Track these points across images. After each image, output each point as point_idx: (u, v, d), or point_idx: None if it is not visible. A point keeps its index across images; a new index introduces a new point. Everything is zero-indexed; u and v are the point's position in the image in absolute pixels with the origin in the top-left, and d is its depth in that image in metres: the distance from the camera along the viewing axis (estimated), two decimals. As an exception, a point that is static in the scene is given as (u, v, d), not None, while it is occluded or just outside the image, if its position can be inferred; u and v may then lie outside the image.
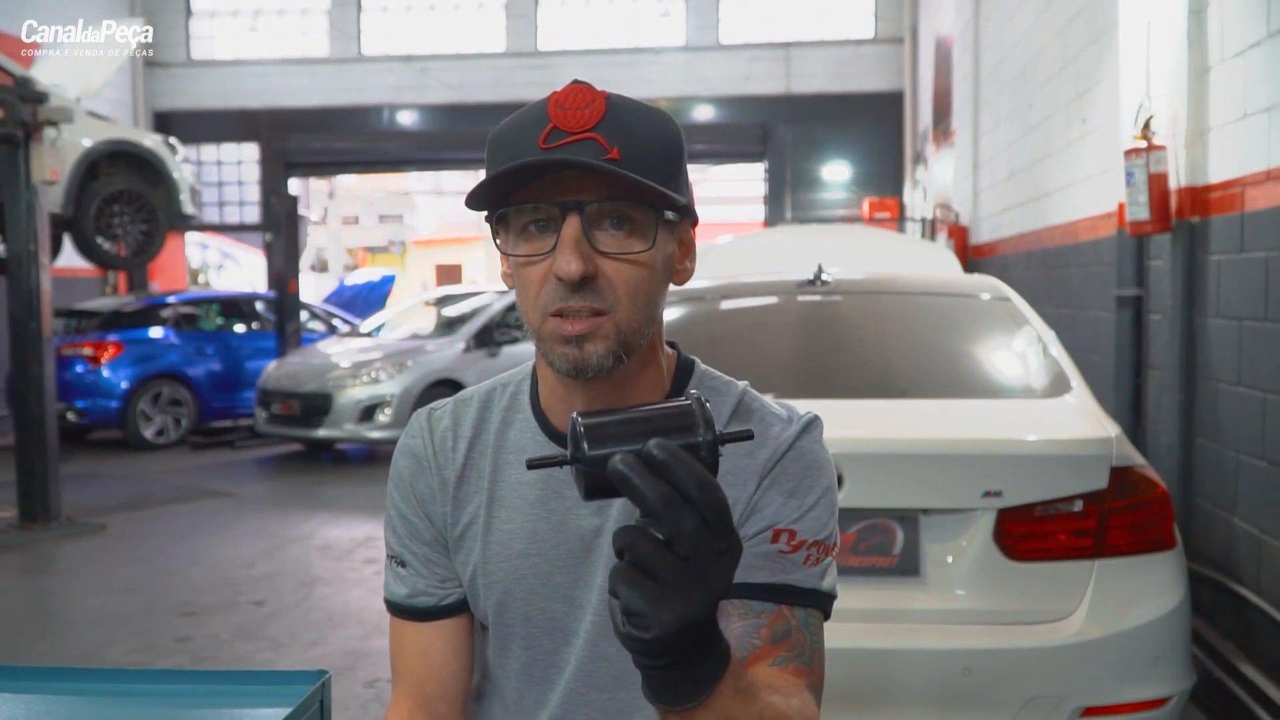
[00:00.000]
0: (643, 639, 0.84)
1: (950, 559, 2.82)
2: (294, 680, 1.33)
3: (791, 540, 1.18)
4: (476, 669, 1.34)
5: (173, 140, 10.23)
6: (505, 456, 1.26)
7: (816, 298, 3.67)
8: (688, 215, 1.20)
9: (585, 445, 0.89)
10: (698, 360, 1.31)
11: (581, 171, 1.07)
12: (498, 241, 1.17)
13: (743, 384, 1.29)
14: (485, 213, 1.18)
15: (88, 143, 8.98)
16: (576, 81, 1.13)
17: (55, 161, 7.35)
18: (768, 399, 1.30)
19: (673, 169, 1.14)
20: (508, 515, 1.24)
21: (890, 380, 3.33)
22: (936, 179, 13.55)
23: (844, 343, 3.52)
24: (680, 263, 1.21)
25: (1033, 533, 2.78)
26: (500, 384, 1.32)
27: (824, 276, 3.70)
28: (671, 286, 1.21)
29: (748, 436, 0.94)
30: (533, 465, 0.92)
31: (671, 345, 1.30)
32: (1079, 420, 2.98)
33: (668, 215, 1.15)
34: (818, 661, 1.17)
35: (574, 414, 0.90)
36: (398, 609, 1.29)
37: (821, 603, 1.19)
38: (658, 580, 0.82)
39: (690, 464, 0.83)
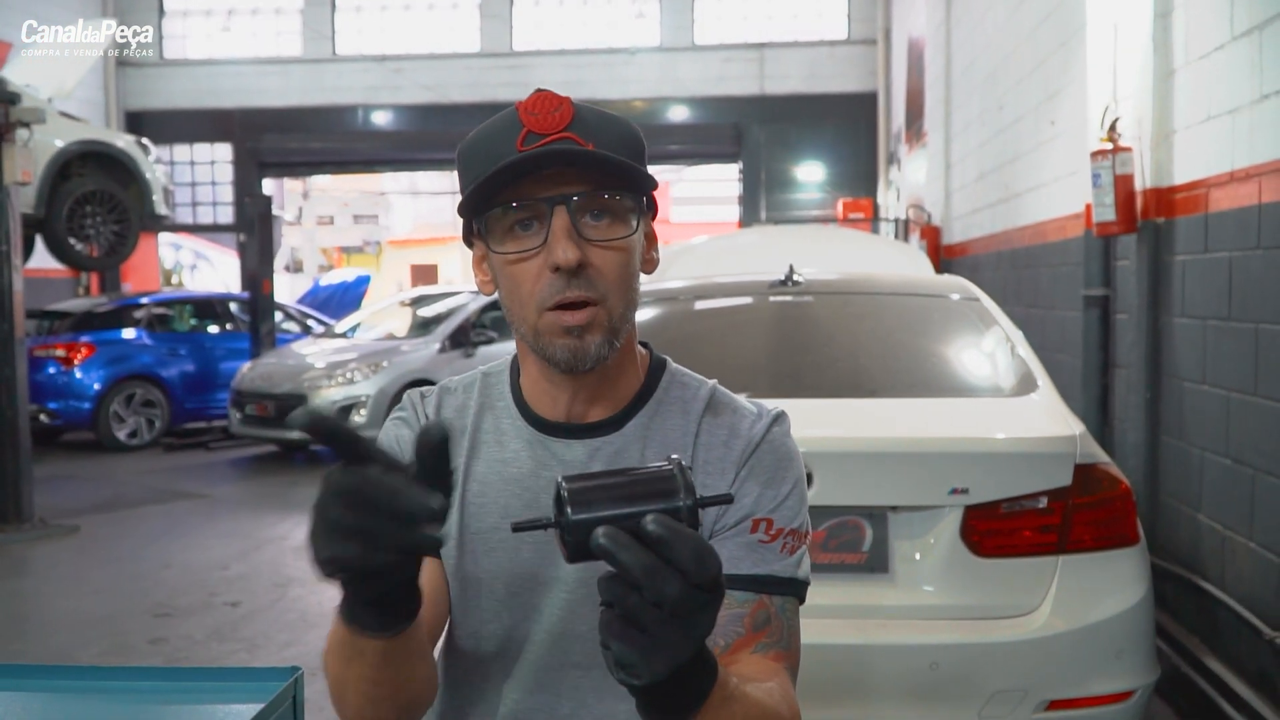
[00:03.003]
0: (636, 685, 0.87)
1: (918, 555, 2.86)
2: (267, 677, 1.35)
3: (769, 529, 1.24)
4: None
5: (145, 140, 10.20)
6: (483, 438, 1.31)
7: (788, 298, 3.71)
8: (651, 208, 1.28)
9: (569, 510, 0.89)
10: (669, 359, 1.37)
11: (561, 168, 1.16)
12: (481, 247, 1.24)
13: (712, 381, 1.36)
14: (464, 223, 1.25)
15: (60, 143, 8.96)
16: (540, 90, 1.21)
17: (27, 162, 7.32)
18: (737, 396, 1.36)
19: (641, 162, 1.23)
20: (479, 489, 1.29)
21: (860, 380, 3.37)
22: (910, 179, 13.63)
23: (815, 342, 3.55)
24: (647, 253, 1.29)
25: (999, 529, 2.82)
26: (483, 374, 1.38)
27: (795, 277, 3.73)
28: (646, 286, 1.27)
29: (727, 500, 0.96)
30: (517, 528, 0.93)
31: (644, 345, 1.36)
32: (1044, 419, 3.03)
33: (641, 203, 1.23)
34: (795, 644, 1.24)
35: (558, 478, 0.92)
36: None
37: (798, 590, 1.25)
38: (646, 632, 0.85)
39: (686, 537, 0.85)
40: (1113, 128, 4.75)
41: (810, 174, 16.79)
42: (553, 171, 1.16)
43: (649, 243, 1.29)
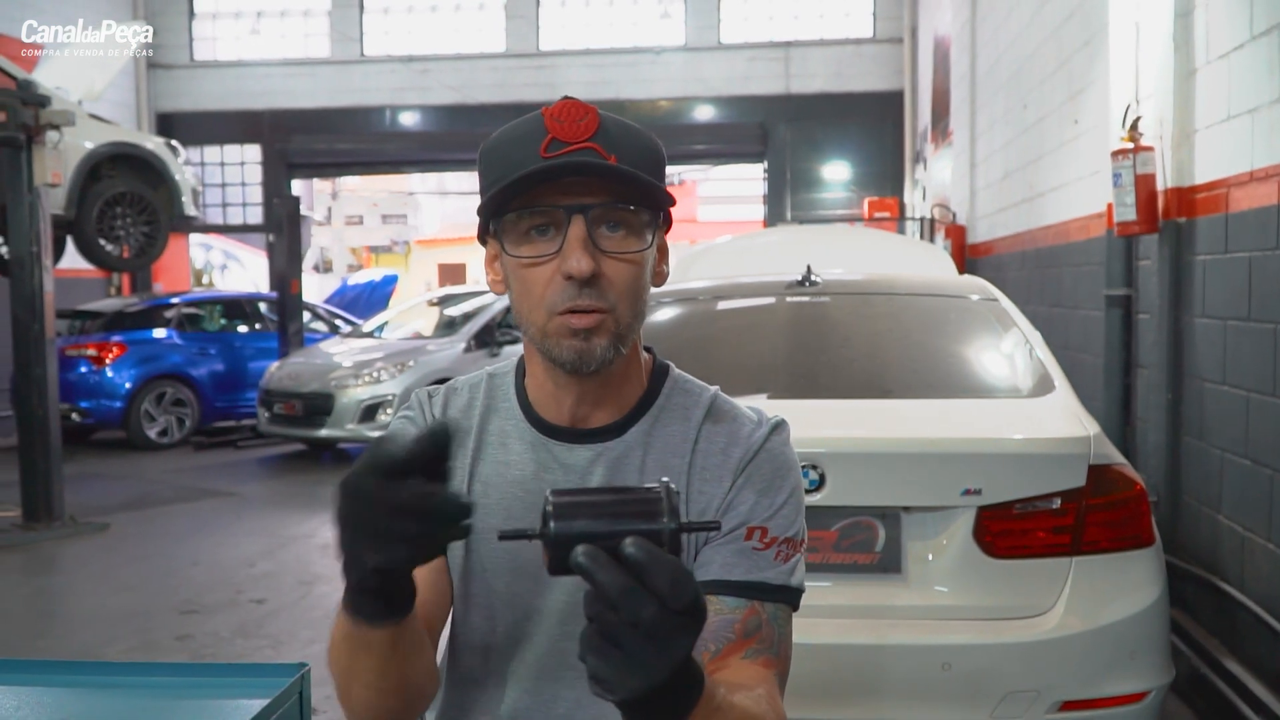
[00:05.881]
0: (611, 700, 0.90)
1: (931, 556, 2.87)
2: (274, 673, 1.37)
3: (764, 538, 1.26)
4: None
5: (174, 142, 10.28)
6: (488, 439, 1.33)
7: (805, 298, 3.71)
8: (666, 222, 1.28)
9: (552, 523, 0.91)
10: (672, 365, 1.39)
11: (582, 177, 1.17)
12: (495, 246, 1.26)
13: (714, 388, 1.37)
14: (480, 221, 1.27)
15: (89, 145, 9.04)
16: (567, 98, 1.22)
17: (57, 164, 7.41)
18: (737, 401, 1.37)
19: (660, 177, 1.24)
20: (483, 490, 1.31)
21: (876, 380, 3.37)
22: (935, 179, 13.58)
23: (831, 343, 3.56)
24: (658, 265, 1.30)
25: (1012, 530, 2.82)
26: (489, 374, 1.40)
27: (813, 277, 3.74)
28: (664, 286, 1.30)
29: (714, 527, 0.97)
30: (503, 537, 0.96)
31: (648, 349, 1.38)
32: (1059, 419, 3.02)
33: (658, 218, 1.24)
34: (784, 651, 1.26)
35: (546, 491, 0.94)
36: None
37: (791, 597, 1.27)
38: (622, 649, 0.87)
39: (664, 561, 0.87)
40: (1134, 127, 4.73)
41: (836, 173, 16.74)
42: (573, 180, 1.18)
43: (660, 256, 1.30)
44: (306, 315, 12.75)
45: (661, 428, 1.31)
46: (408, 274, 36.33)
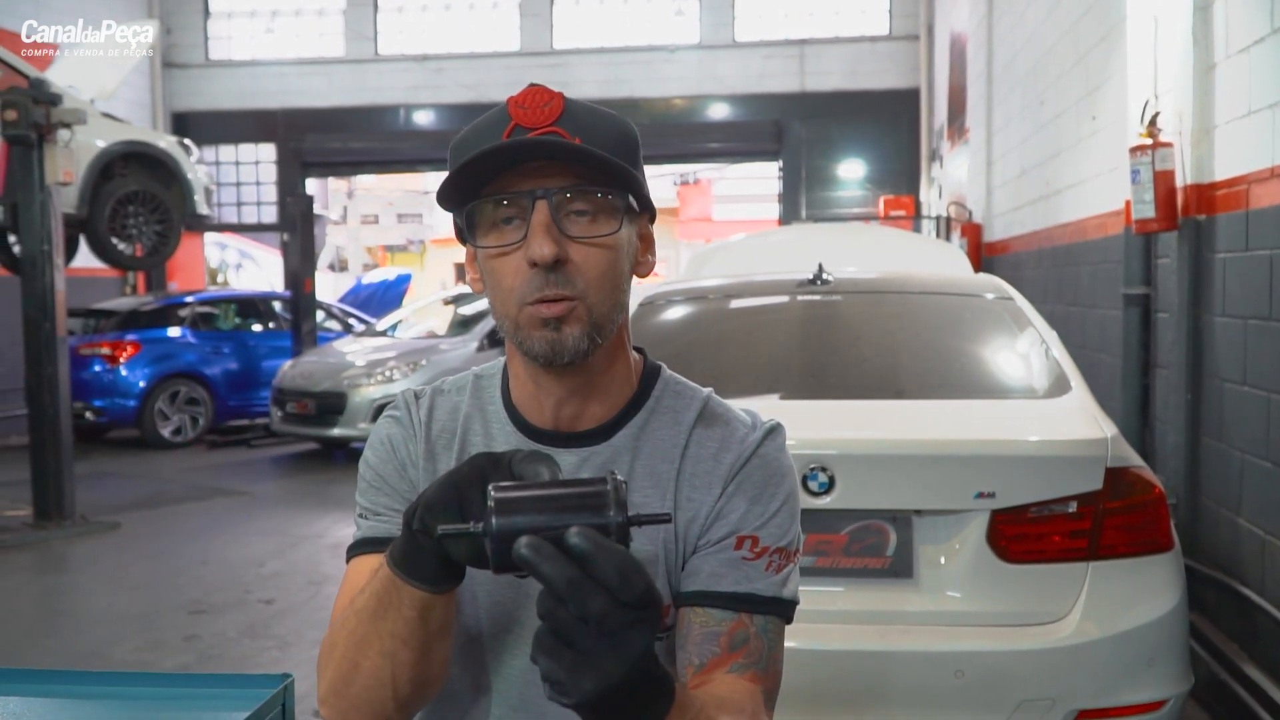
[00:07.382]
0: (565, 703, 0.86)
1: (943, 560, 2.81)
2: (257, 684, 1.33)
3: (754, 547, 1.21)
4: None
5: (187, 141, 10.29)
6: (473, 440, 1.29)
7: (816, 297, 3.66)
8: (646, 209, 1.24)
9: (494, 519, 0.88)
10: (664, 365, 1.34)
11: (546, 162, 1.13)
12: (467, 243, 1.22)
13: (707, 390, 1.32)
14: (453, 221, 1.23)
15: (102, 144, 9.05)
16: (533, 85, 1.19)
17: (69, 163, 7.41)
18: (732, 403, 1.32)
19: (631, 161, 1.19)
20: None
21: (888, 380, 3.31)
22: (952, 176, 13.49)
23: (842, 342, 3.50)
24: (642, 255, 1.25)
25: (1026, 534, 2.77)
26: (475, 375, 1.36)
27: (824, 276, 3.69)
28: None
29: (665, 519, 0.94)
30: (444, 534, 0.94)
31: (638, 350, 1.33)
32: (1075, 421, 2.96)
33: (630, 202, 1.19)
34: (774, 666, 1.20)
35: (489, 485, 0.91)
36: (367, 544, 1.25)
37: (782, 609, 1.22)
38: (574, 649, 0.84)
39: (611, 551, 0.84)
40: (1153, 122, 4.66)
41: (851, 171, 16.65)
42: (537, 165, 1.13)
43: (644, 245, 1.25)
44: (320, 314, 12.78)
45: (651, 431, 1.26)
46: (423, 273, 36.41)
